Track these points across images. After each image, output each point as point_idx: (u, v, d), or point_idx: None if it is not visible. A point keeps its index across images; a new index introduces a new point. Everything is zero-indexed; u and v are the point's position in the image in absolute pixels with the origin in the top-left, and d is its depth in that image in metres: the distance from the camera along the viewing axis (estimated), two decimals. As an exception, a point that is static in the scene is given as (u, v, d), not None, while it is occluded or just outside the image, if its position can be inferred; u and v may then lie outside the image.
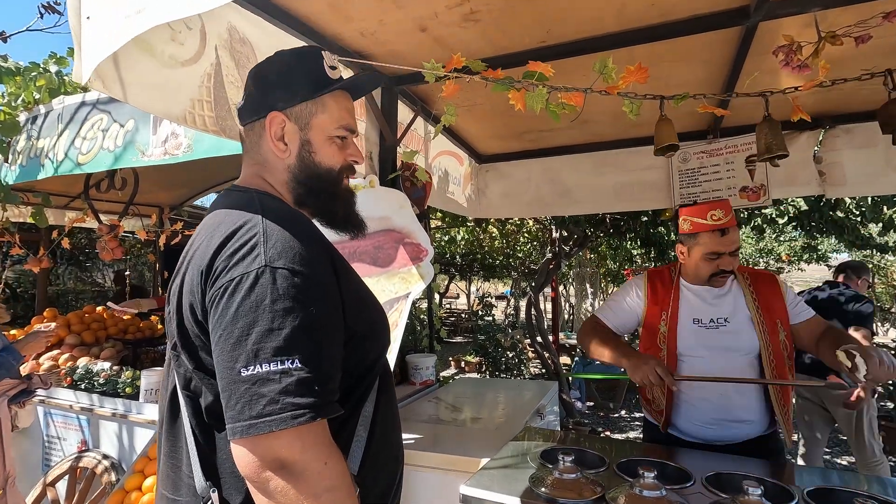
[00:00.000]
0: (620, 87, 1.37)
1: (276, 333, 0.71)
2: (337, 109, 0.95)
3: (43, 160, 2.60)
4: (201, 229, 0.86)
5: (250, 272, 0.74)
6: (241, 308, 0.72)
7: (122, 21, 0.87)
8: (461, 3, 1.51)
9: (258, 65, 0.98)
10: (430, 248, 1.88)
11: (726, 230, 1.71)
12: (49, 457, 2.86)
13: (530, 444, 1.90)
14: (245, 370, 0.70)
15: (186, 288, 0.81)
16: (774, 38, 1.74)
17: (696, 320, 1.85)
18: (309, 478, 0.70)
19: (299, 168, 0.94)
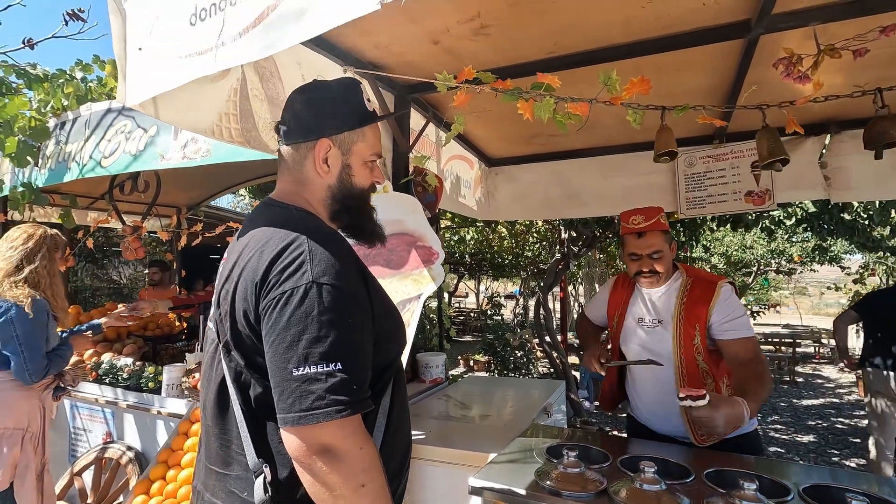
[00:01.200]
0: (624, 98, 1.43)
1: (323, 341, 0.84)
2: (372, 138, 1.09)
3: (70, 164, 2.72)
4: (250, 242, 0.97)
5: (300, 287, 0.86)
6: (293, 317, 0.85)
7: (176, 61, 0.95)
8: (472, 18, 1.59)
9: (308, 91, 1.07)
10: (441, 252, 1.96)
11: (643, 234, 1.82)
12: (75, 448, 2.99)
13: (537, 441, 1.97)
14: (296, 370, 0.83)
15: (240, 295, 0.92)
16: (776, 49, 1.79)
17: (640, 320, 1.95)
18: (348, 460, 0.84)
19: (338, 188, 1.07)
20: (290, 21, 0.85)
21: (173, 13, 1.00)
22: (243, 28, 0.85)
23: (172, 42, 0.99)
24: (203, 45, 0.94)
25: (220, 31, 0.89)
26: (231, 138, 1.44)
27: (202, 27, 0.92)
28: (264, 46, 0.89)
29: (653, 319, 1.92)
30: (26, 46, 3.72)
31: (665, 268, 1.86)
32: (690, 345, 1.81)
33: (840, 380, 9.56)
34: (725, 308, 1.79)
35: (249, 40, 0.86)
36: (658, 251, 1.83)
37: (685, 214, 2.84)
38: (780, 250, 10.65)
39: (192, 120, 1.35)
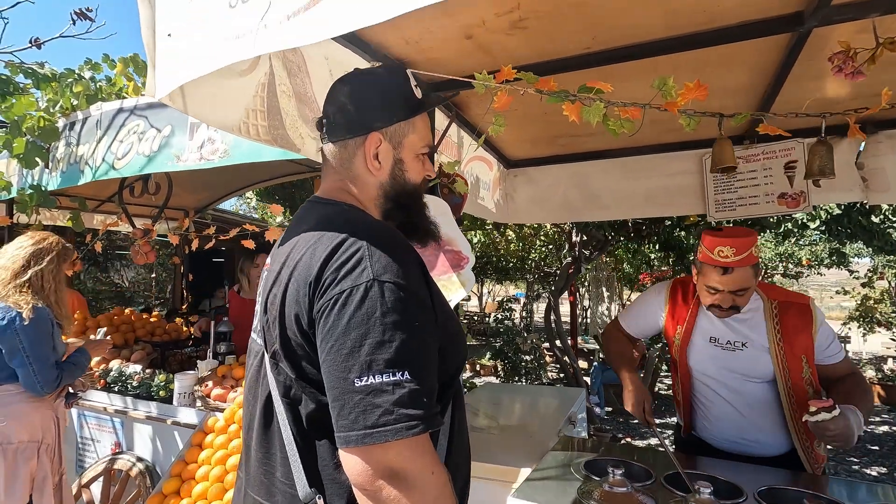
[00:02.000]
0: (680, 105, 1.35)
1: (388, 346, 0.74)
2: (424, 129, 1.00)
3: (83, 166, 2.64)
4: (299, 241, 0.88)
5: (359, 285, 0.76)
6: (353, 320, 0.75)
7: (210, 45, 0.87)
8: (511, 10, 1.50)
9: (352, 81, 0.98)
10: (471, 256, 1.87)
11: (729, 269, 1.62)
12: (83, 458, 2.89)
13: (571, 455, 1.88)
14: (359, 380, 0.72)
15: (291, 298, 0.82)
16: (825, 43, 1.71)
17: (713, 339, 1.84)
18: (420, 487, 0.73)
19: (391, 185, 0.97)
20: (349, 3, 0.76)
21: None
22: (293, 10, 0.77)
23: (206, 25, 0.90)
24: (242, 29, 0.85)
25: (264, 13, 0.80)
26: (258, 136, 1.36)
27: (243, 9, 0.84)
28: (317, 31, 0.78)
29: (734, 342, 1.79)
30: (33, 46, 3.65)
31: (745, 302, 1.71)
32: (798, 370, 1.73)
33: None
34: (823, 334, 1.75)
35: (299, 23, 0.77)
36: (744, 288, 1.64)
37: (714, 217, 2.76)
38: (788, 253, 10.56)
39: (219, 116, 1.26)
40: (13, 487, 1.99)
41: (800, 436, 1.74)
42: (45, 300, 2.13)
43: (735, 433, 1.84)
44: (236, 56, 0.85)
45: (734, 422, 1.84)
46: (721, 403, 1.87)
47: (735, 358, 1.80)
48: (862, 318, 11.70)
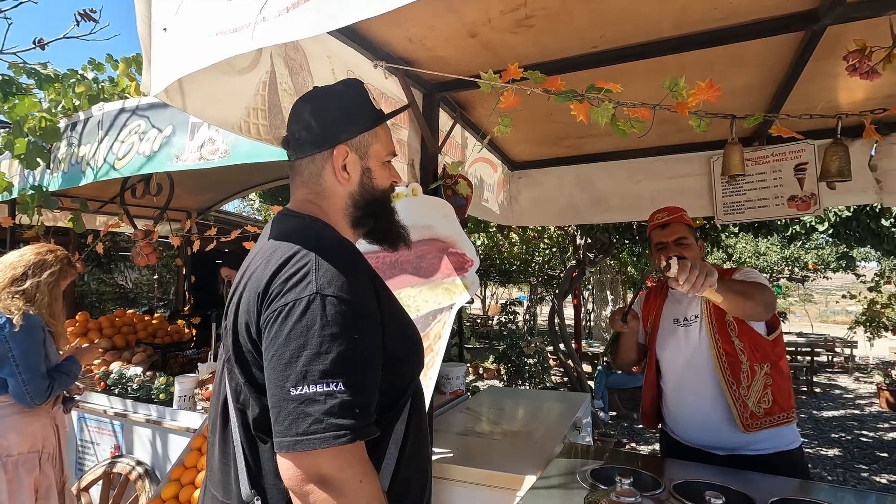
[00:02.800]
0: (691, 106, 1.31)
1: (324, 357, 0.77)
2: (385, 137, 1.04)
3: (84, 167, 2.62)
4: (258, 254, 0.92)
5: (302, 298, 0.80)
6: (293, 331, 0.78)
7: (205, 39, 0.84)
8: (517, 7, 1.47)
9: (313, 99, 1.02)
10: (476, 259, 1.84)
11: (666, 224, 1.91)
12: (82, 461, 2.87)
13: (576, 462, 1.84)
14: (294, 389, 0.76)
15: (243, 307, 0.87)
16: (838, 42, 1.67)
17: (676, 320, 1.95)
18: (346, 493, 0.76)
19: (359, 194, 1.01)
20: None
21: None
22: (293, 2, 0.73)
23: (202, 19, 0.87)
24: (239, 22, 0.82)
25: (262, 5, 0.77)
26: (259, 135, 1.33)
27: (241, 2, 0.81)
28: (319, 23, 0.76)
29: (689, 316, 1.92)
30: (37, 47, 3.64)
31: (693, 256, 1.84)
32: (725, 329, 1.81)
33: (858, 390, 9.36)
34: (745, 273, 1.84)
35: (299, 14, 0.73)
36: (683, 237, 1.88)
37: (722, 220, 2.71)
38: (794, 257, 10.47)
39: (219, 114, 1.24)
40: (17, 500, 1.96)
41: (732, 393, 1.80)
42: (38, 310, 2.09)
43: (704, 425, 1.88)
44: (233, 50, 0.82)
45: (695, 404, 1.89)
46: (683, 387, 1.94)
47: (687, 332, 1.91)
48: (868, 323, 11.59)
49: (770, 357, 1.82)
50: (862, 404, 8.24)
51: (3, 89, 2.96)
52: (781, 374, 1.83)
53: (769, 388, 1.80)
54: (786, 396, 1.82)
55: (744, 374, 1.80)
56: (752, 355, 1.81)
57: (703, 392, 1.87)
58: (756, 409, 1.78)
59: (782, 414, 1.80)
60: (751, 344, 1.80)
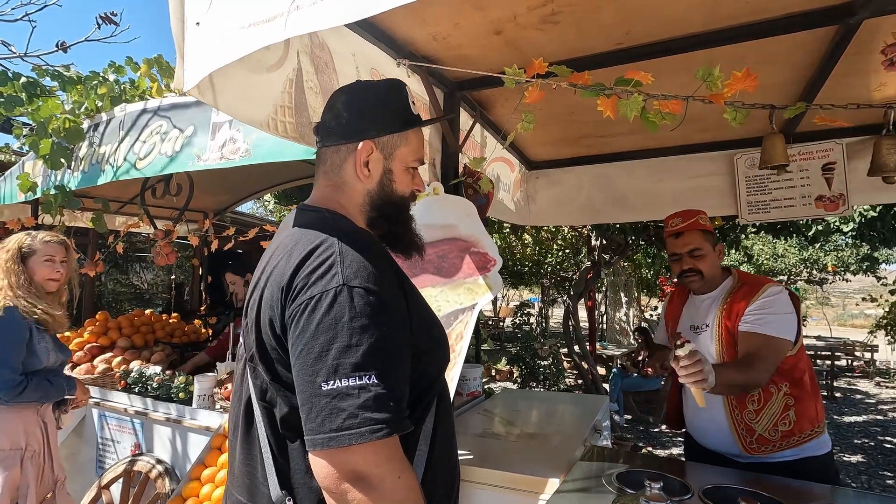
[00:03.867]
0: (726, 96, 1.28)
1: (355, 350, 0.75)
2: (416, 143, 1.02)
3: (104, 166, 2.64)
4: (278, 248, 0.90)
5: (329, 290, 0.78)
6: (322, 325, 0.76)
7: (238, 31, 0.83)
8: (544, 3, 1.46)
9: (351, 91, 1.00)
10: (499, 258, 1.82)
11: (680, 233, 1.84)
12: (103, 459, 2.89)
13: (601, 466, 1.80)
14: (325, 384, 0.74)
15: (266, 303, 0.84)
16: (873, 36, 1.63)
17: (693, 327, 1.90)
18: (384, 490, 0.74)
19: (377, 194, 0.99)
20: None
21: None
22: None
23: (235, 11, 0.87)
24: (272, 12, 0.81)
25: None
26: (286, 133, 1.33)
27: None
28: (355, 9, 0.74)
29: (701, 324, 1.86)
30: (59, 49, 3.71)
31: (708, 267, 1.81)
32: (732, 346, 1.72)
33: (880, 395, 9.15)
34: (765, 303, 1.67)
35: (334, 2, 0.72)
36: (696, 248, 1.81)
37: (747, 220, 2.66)
38: (812, 259, 10.28)
39: (249, 112, 1.23)
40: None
41: (734, 417, 1.72)
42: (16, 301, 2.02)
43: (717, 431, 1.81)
44: (267, 40, 0.82)
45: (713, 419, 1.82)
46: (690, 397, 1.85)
47: (701, 341, 1.83)
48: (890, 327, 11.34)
49: (791, 374, 1.69)
50: (885, 409, 8.05)
51: (28, 91, 3.00)
52: (805, 390, 1.70)
53: (791, 408, 1.67)
54: (812, 413, 1.70)
55: (752, 399, 1.69)
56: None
57: (712, 403, 1.77)
58: (769, 434, 1.67)
59: (805, 433, 1.68)
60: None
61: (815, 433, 1.70)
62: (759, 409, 1.68)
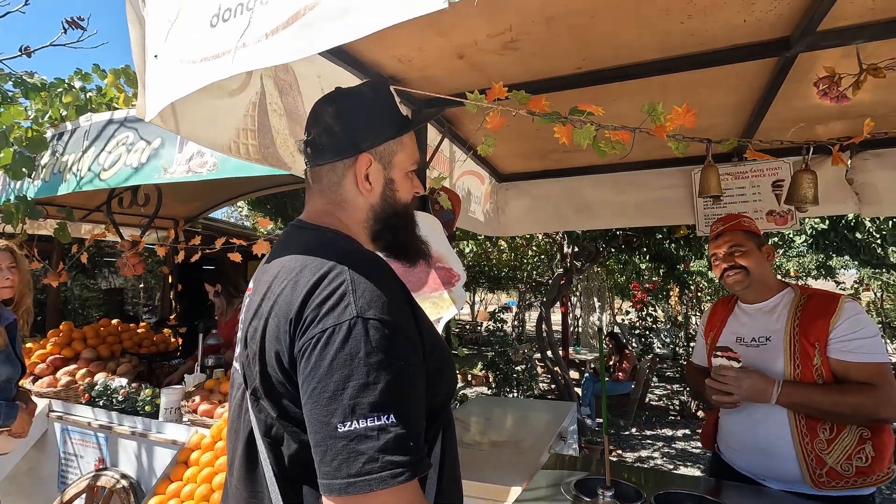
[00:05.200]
0: (668, 130, 1.36)
1: (372, 388, 0.70)
2: (411, 146, 0.97)
3: (66, 175, 2.60)
4: (281, 272, 0.84)
5: (342, 323, 0.73)
6: (336, 361, 0.71)
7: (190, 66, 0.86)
8: (503, 31, 1.52)
9: (337, 100, 0.95)
10: (463, 273, 1.87)
11: (721, 234, 1.82)
12: (65, 474, 2.83)
13: (562, 474, 1.87)
14: (342, 426, 0.69)
15: (271, 334, 0.79)
16: (811, 66, 1.74)
17: (739, 339, 1.77)
18: None
19: (381, 206, 0.95)
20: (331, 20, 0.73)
21: (193, 15, 0.89)
22: (272, 28, 0.75)
23: (189, 46, 0.88)
24: (221, 48, 0.83)
25: (243, 31, 0.79)
26: (248, 155, 1.35)
27: (224, 28, 0.82)
28: (296, 49, 0.76)
29: (757, 337, 1.69)
30: (23, 54, 3.62)
31: (754, 265, 1.72)
32: (809, 365, 1.55)
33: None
34: (853, 324, 1.53)
35: (278, 41, 0.75)
36: (737, 245, 1.75)
37: (704, 232, 2.78)
38: (776, 265, 10.69)
39: (210, 136, 1.25)
40: None
41: (804, 446, 1.54)
42: None
43: (749, 451, 1.68)
44: (215, 76, 0.83)
45: (748, 436, 1.69)
46: (738, 414, 1.73)
47: (759, 353, 1.67)
48: (849, 329, 11.81)
49: None
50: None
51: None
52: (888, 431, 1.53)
53: (868, 441, 1.49)
54: (890, 452, 1.52)
55: (824, 427, 1.51)
56: None
57: (770, 426, 1.61)
58: (842, 467, 1.49)
59: (883, 471, 1.50)
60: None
61: (889, 473, 1.53)
62: (831, 437, 1.51)
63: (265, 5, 0.76)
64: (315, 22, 0.71)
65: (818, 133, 2.25)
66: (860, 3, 1.39)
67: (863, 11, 1.43)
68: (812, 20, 1.41)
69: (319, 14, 0.71)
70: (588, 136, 1.35)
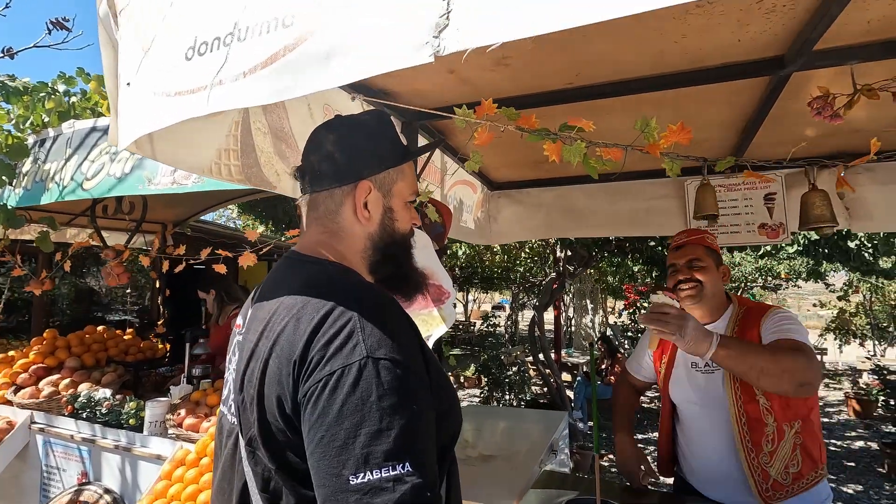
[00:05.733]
0: (662, 147, 1.34)
1: (386, 435, 0.66)
2: (411, 175, 0.96)
3: (49, 184, 2.54)
4: (279, 308, 0.80)
5: (352, 364, 0.68)
6: (347, 406, 0.67)
7: (164, 99, 0.82)
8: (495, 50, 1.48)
9: (338, 127, 0.93)
10: (453, 291, 1.84)
11: (681, 246, 1.82)
12: (48, 487, 2.77)
13: (552, 494, 1.85)
14: (354, 478, 0.65)
15: (272, 377, 0.74)
16: (805, 85, 1.73)
17: (693, 364, 1.76)
18: None
19: (379, 236, 0.92)
20: (311, 65, 0.71)
21: (168, 45, 0.85)
22: (250, 67, 0.72)
23: (163, 77, 0.84)
24: (196, 83, 0.79)
25: (219, 68, 0.75)
26: (230, 176, 1.31)
27: (199, 62, 0.78)
28: (274, 91, 0.72)
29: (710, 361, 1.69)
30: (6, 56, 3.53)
31: (709, 281, 1.72)
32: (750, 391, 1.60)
33: (828, 398, 9.63)
34: (779, 320, 1.62)
35: (255, 81, 0.72)
36: (696, 259, 1.75)
37: (696, 245, 2.77)
38: (767, 268, 10.77)
39: (190, 159, 1.21)
40: None
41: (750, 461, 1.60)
42: None
43: (725, 478, 1.69)
44: (190, 112, 0.79)
45: (709, 460, 1.73)
46: (698, 439, 1.78)
47: (711, 380, 1.70)
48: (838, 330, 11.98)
49: (802, 411, 1.59)
50: (831, 412, 8.48)
51: (-32, 102, 2.86)
52: (812, 427, 1.60)
53: (798, 447, 1.57)
54: (816, 454, 1.60)
55: (767, 440, 1.57)
56: (783, 414, 1.57)
57: (721, 449, 1.67)
58: (782, 478, 1.56)
59: (811, 474, 1.58)
60: (781, 401, 1.57)
61: (819, 476, 1.60)
62: (773, 450, 1.57)
63: (242, 42, 0.73)
64: (296, 65, 0.68)
65: (811, 150, 2.23)
66: (856, 25, 1.38)
67: (858, 33, 1.42)
68: (808, 41, 1.39)
69: (301, 57, 0.68)
70: (578, 153, 1.32)
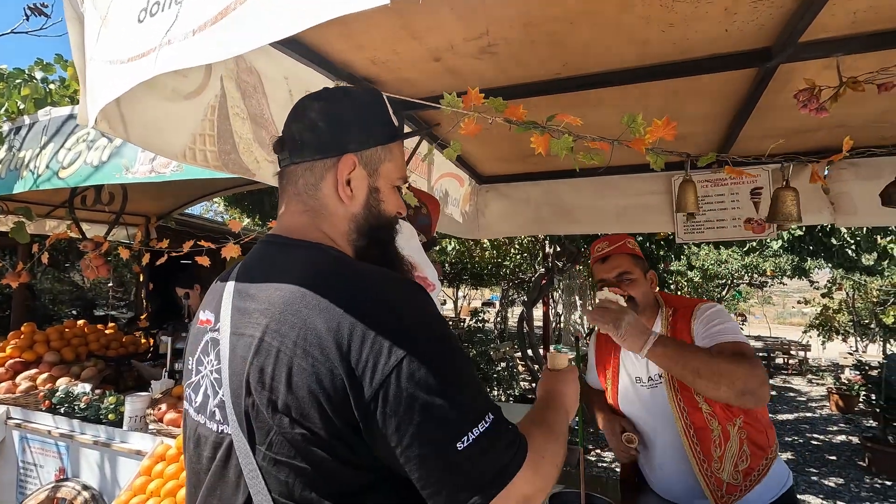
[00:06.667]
0: (647, 143, 1.32)
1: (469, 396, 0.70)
2: (400, 157, 0.90)
3: (23, 172, 2.47)
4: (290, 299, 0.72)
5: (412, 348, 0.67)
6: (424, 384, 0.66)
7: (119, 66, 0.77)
8: (479, 36, 1.46)
9: (326, 98, 0.87)
10: (438, 283, 1.81)
11: (606, 258, 1.76)
12: (24, 484, 2.71)
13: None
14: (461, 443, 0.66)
15: (304, 377, 0.67)
16: (791, 77, 1.72)
17: (637, 379, 1.74)
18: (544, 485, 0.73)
19: (364, 217, 0.86)
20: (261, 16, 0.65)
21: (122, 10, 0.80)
22: (200, 24, 0.66)
23: (117, 45, 0.79)
24: (146, 45, 0.73)
25: (168, 27, 0.70)
26: (206, 162, 1.27)
27: (150, 24, 0.73)
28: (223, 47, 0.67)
29: (654, 375, 1.68)
30: (-20, 41, 3.44)
31: (640, 295, 1.69)
32: (690, 390, 1.58)
33: (811, 393, 9.79)
34: (708, 317, 1.61)
35: (203, 38, 0.66)
36: (626, 272, 1.72)
37: (682, 239, 2.77)
38: (753, 265, 10.90)
39: (163, 142, 1.17)
40: None
41: (703, 471, 1.59)
42: None
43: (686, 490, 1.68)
44: (139, 77, 0.74)
45: (666, 470, 1.72)
46: (653, 451, 1.76)
47: (657, 395, 1.68)
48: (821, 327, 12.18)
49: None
50: (814, 407, 8.62)
51: (-60, 88, 2.77)
52: (756, 416, 1.60)
53: (745, 441, 1.57)
54: (763, 441, 1.60)
55: (715, 445, 1.57)
56: (724, 415, 1.57)
57: (676, 458, 1.66)
58: (733, 478, 1.56)
59: (761, 464, 1.58)
60: (721, 403, 1.54)
61: (769, 461, 1.60)
62: (721, 454, 1.57)
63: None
64: (245, 18, 0.63)
65: (796, 144, 2.24)
66: (841, 16, 1.37)
67: (844, 24, 1.41)
68: (794, 32, 1.39)
69: (251, 8, 0.63)
70: (566, 146, 1.31)
